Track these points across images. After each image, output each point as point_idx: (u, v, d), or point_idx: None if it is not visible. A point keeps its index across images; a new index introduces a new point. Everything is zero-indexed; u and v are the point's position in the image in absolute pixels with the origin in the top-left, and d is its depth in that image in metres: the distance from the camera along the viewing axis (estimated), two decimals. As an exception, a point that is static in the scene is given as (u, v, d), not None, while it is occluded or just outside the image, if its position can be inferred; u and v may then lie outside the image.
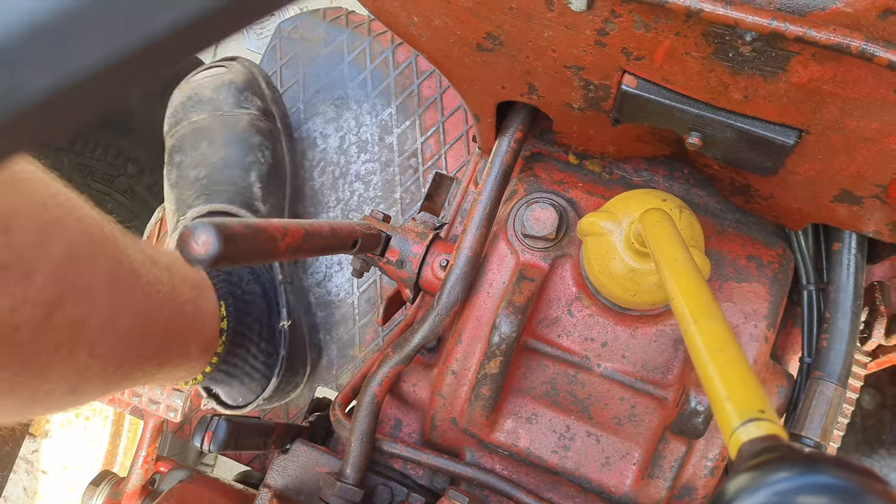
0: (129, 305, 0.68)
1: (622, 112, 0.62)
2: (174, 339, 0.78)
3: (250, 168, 1.02)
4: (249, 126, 1.05)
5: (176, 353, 0.79)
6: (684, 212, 0.64)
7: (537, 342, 0.72)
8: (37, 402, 0.62)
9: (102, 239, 0.64)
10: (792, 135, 0.57)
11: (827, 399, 0.68)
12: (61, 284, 0.58)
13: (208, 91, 1.05)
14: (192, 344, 0.82)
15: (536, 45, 0.60)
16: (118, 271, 0.66)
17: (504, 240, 0.74)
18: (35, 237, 0.56)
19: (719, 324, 0.39)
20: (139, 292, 0.69)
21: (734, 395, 0.33)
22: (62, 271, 0.58)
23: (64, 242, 0.58)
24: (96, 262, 0.63)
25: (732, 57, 0.53)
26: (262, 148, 1.05)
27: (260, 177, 1.03)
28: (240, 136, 1.04)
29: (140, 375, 0.74)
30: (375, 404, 0.75)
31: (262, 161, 1.04)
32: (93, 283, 0.62)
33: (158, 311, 0.73)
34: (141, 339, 0.71)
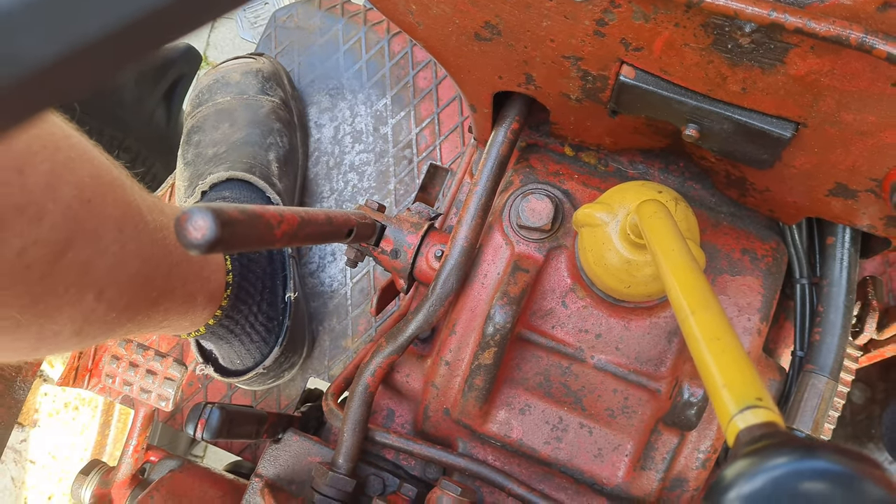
0: (137, 249, 0.67)
1: (620, 103, 0.62)
2: (180, 287, 0.78)
3: (269, 148, 1.05)
4: (271, 112, 1.08)
5: (181, 301, 0.80)
6: (680, 204, 0.64)
7: (531, 333, 0.72)
8: (43, 341, 0.63)
9: (111, 181, 0.64)
10: (789, 127, 0.57)
11: (818, 392, 0.68)
12: (71, 226, 0.58)
13: (236, 75, 1.09)
14: (197, 293, 0.83)
15: (535, 34, 0.60)
16: (126, 214, 0.66)
17: (499, 230, 0.74)
18: (47, 178, 0.56)
19: (716, 313, 0.39)
20: (146, 237, 0.69)
21: (731, 383, 0.33)
22: (72, 213, 0.58)
23: (75, 184, 0.58)
24: (105, 205, 0.63)
25: (731, 48, 0.53)
26: (281, 134, 1.07)
27: (277, 157, 1.05)
28: (262, 119, 1.06)
29: (145, 321, 0.75)
30: (368, 394, 0.75)
31: (280, 144, 1.06)
32: (101, 226, 0.62)
33: (165, 257, 0.73)
34: (147, 283, 0.71)
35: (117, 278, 0.66)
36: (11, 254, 0.53)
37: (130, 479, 0.96)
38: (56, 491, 1.38)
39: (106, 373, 0.95)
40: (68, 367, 1.09)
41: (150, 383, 0.95)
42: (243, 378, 0.99)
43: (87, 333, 0.66)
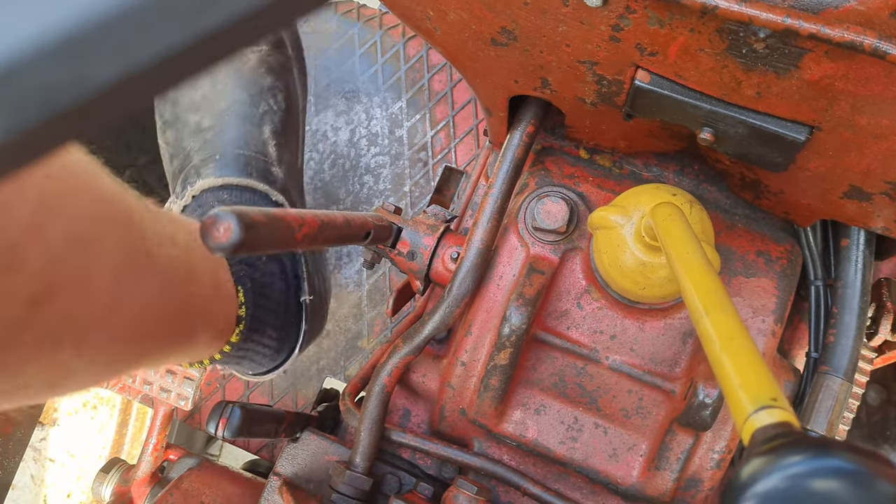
0: (136, 295, 0.57)
1: (635, 107, 0.63)
2: (183, 331, 0.69)
3: (262, 120, 0.94)
4: (259, 64, 0.95)
5: (182, 343, 0.70)
6: (695, 206, 0.65)
7: (546, 334, 0.73)
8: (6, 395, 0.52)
9: (113, 216, 0.54)
10: (803, 131, 0.58)
11: (833, 393, 0.68)
12: (55, 273, 0.47)
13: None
14: (201, 334, 0.73)
15: (551, 39, 0.61)
16: (128, 255, 0.56)
17: (515, 233, 0.75)
18: (32, 216, 0.45)
19: (730, 315, 0.40)
20: (150, 280, 0.59)
21: (747, 383, 0.34)
22: (59, 257, 0.47)
23: (66, 221, 0.48)
24: (101, 247, 0.52)
25: (746, 53, 0.53)
26: (275, 91, 0.96)
27: (274, 130, 0.95)
28: (249, 80, 0.94)
29: (133, 369, 0.66)
30: (385, 394, 0.76)
31: (274, 109, 0.95)
32: (93, 272, 0.52)
33: (169, 300, 0.63)
34: (143, 332, 0.60)
35: (105, 330, 0.55)
36: None
37: (150, 476, 0.98)
38: (75, 489, 1.40)
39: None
40: (89, 367, 1.10)
41: (170, 382, 0.96)
42: (263, 378, 0.99)
43: (63, 386, 0.56)
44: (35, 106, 0.13)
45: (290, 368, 1.10)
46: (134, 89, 0.14)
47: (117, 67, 0.14)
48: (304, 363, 1.11)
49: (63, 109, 0.14)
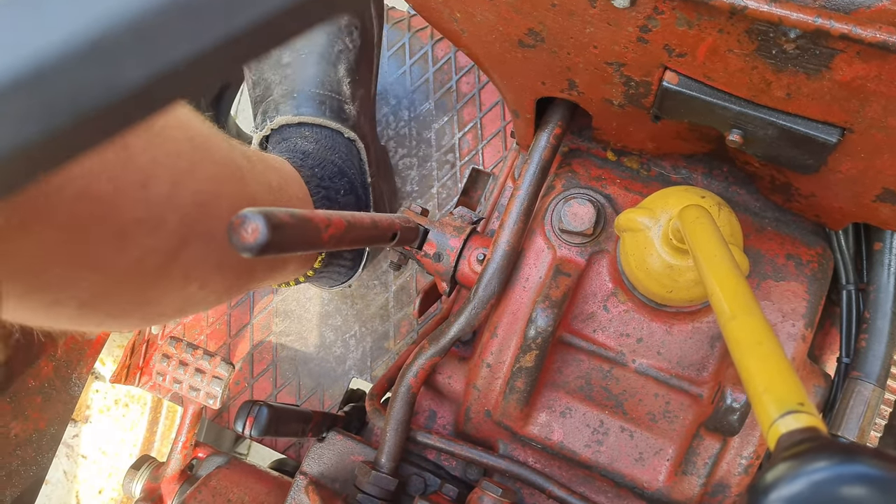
0: None
1: (663, 109, 0.63)
2: (277, 261, 0.82)
3: (338, 60, 1.00)
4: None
5: (276, 271, 0.83)
6: (723, 209, 0.64)
7: (573, 337, 0.73)
8: (146, 320, 0.69)
9: (229, 177, 0.66)
10: (835, 133, 0.57)
11: (864, 399, 0.67)
12: (186, 230, 0.60)
13: None
14: (291, 262, 0.86)
15: (578, 41, 0.60)
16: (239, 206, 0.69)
17: (541, 234, 0.75)
18: (168, 189, 0.57)
19: (758, 318, 0.39)
20: None
21: (773, 388, 0.33)
22: (189, 218, 0.60)
23: (193, 191, 0.60)
24: (220, 205, 0.64)
25: (776, 54, 0.53)
26: (351, 28, 1.01)
27: (349, 68, 1.01)
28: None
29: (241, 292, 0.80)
30: (411, 395, 0.76)
31: (350, 47, 1.01)
32: (215, 226, 0.64)
33: None
34: (248, 267, 0.75)
35: (223, 269, 0.69)
36: (128, 262, 0.56)
37: (179, 474, 0.99)
38: (106, 485, 1.42)
39: (157, 371, 0.98)
40: (120, 366, 1.12)
41: (199, 381, 0.97)
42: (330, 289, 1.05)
43: (188, 310, 0.71)
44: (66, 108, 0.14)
45: (318, 369, 1.11)
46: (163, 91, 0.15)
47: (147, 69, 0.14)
48: (331, 363, 1.11)
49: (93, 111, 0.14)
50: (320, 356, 1.11)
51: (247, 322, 1.13)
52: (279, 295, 1.14)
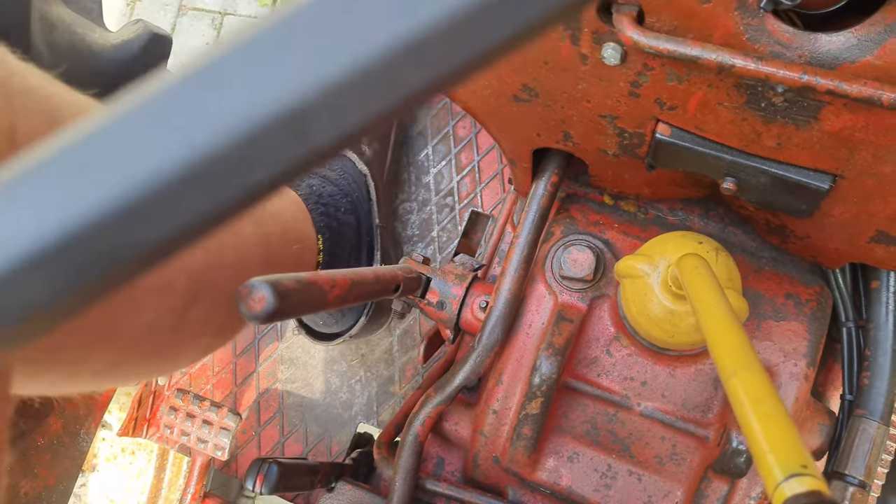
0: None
1: (657, 158, 0.64)
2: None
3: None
4: None
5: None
6: (721, 254, 0.65)
7: (577, 382, 0.73)
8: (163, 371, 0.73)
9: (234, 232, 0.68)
10: (826, 179, 0.58)
11: (870, 437, 0.68)
12: (195, 286, 0.62)
13: None
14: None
15: (571, 95, 0.62)
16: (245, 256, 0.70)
17: (542, 281, 0.76)
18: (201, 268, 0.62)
19: (758, 374, 0.40)
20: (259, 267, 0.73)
21: (776, 449, 0.34)
22: (198, 275, 0.63)
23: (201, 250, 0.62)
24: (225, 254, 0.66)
25: (765, 107, 0.54)
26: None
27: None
28: None
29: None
30: (418, 444, 0.77)
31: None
32: (222, 276, 0.66)
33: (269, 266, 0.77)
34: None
35: (233, 315, 0.70)
36: (142, 327, 0.58)
37: (188, 527, 0.99)
38: (113, 535, 1.41)
39: (165, 423, 0.98)
40: (128, 418, 1.13)
41: (207, 433, 0.98)
42: (334, 342, 1.05)
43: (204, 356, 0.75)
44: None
45: (324, 415, 1.11)
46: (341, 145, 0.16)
47: (334, 132, 0.15)
48: (337, 409, 1.12)
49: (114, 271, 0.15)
50: (326, 402, 1.11)
51: (252, 370, 1.14)
52: (284, 342, 1.14)
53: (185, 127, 0.15)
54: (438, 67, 0.16)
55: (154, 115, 0.15)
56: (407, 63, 0.16)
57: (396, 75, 0.16)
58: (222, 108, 0.15)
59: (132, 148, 0.15)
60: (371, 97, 0.16)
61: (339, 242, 0.99)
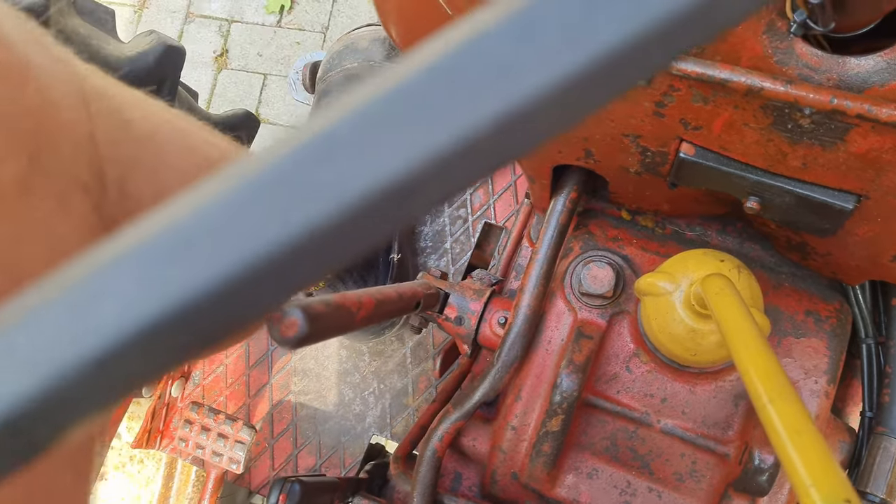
0: None
1: (679, 177, 0.64)
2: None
3: None
4: None
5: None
6: (743, 272, 0.65)
7: (597, 398, 0.73)
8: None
9: None
10: (851, 199, 0.58)
11: (891, 456, 0.68)
12: None
13: (364, 42, 1.16)
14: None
15: (595, 114, 0.62)
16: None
17: (562, 297, 0.76)
18: None
19: (794, 404, 0.40)
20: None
21: (818, 483, 0.34)
22: None
23: None
24: None
25: (791, 128, 0.54)
26: None
27: None
28: None
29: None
30: (436, 459, 0.77)
31: None
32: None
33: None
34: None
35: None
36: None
37: (203, 540, 0.99)
38: (122, 544, 1.41)
39: (179, 437, 0.98)
40: (142, 430, 1.12)
41: (222, 446, 0.98)
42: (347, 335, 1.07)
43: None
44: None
45: (338, 428, 1.11)
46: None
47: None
48: (351, 421, 1.12)
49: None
50: (340, 414, 1.11)
51: (266, 382, 1.14)
52: (297, 354, 1.14)
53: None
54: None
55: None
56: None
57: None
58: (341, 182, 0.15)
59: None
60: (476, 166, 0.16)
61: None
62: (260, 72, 2.32)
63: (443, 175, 0.15)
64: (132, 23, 2.43)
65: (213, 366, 1.15)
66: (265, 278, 0.15)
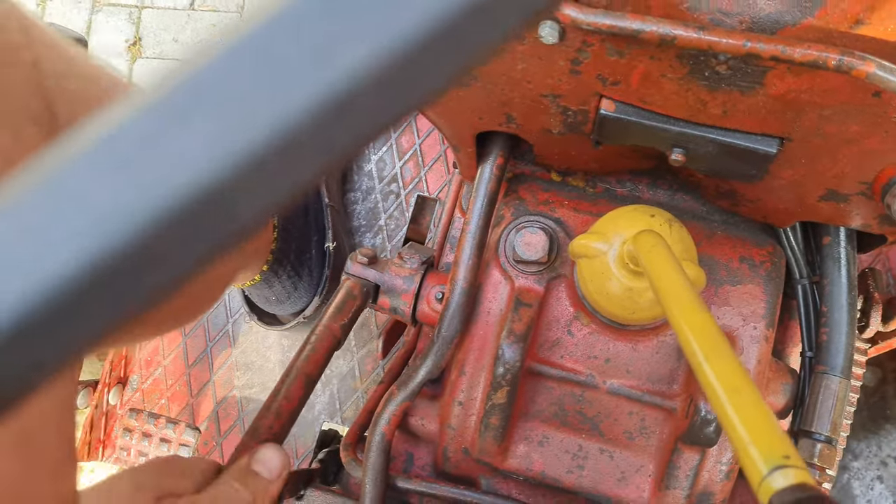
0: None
1: (602, 134, 0.63)
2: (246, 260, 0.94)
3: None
4: None
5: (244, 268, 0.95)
6: (674, 225, 0.64)
7: (541, 366, 0.72)
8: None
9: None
10: (774, 143, 0.57)
11: (833, 393, 0.68)
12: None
13: None
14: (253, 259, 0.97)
15: (511, 77, 0.60)
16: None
17: (497, 267, 0.74)
18: None
19: (730, 361, 0.39)
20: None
21: (757, 441, 0.33)
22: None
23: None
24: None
25: (708, 76, 0.53)
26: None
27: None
28: None
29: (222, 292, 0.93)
30: (385, 443, 0.75)
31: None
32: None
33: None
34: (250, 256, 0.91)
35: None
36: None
37: (156, 548, 0.96)
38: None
39: (120, 446, 0.94)
40: (81, 442, 1.08)
41: (165, 452, 0.94)
42: (286, 327, 1.05)
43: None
44: None
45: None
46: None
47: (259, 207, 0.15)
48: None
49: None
50: (287, 405, 1.09)
51: (207, 380, 1.10)
52: (237, 348, 1.11)
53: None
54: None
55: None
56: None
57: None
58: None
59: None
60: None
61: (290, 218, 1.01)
62: (177, 59, 2.23)
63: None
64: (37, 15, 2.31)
65: (151, 369, 1.11)
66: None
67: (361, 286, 0.77)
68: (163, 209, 0.13)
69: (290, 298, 1.02)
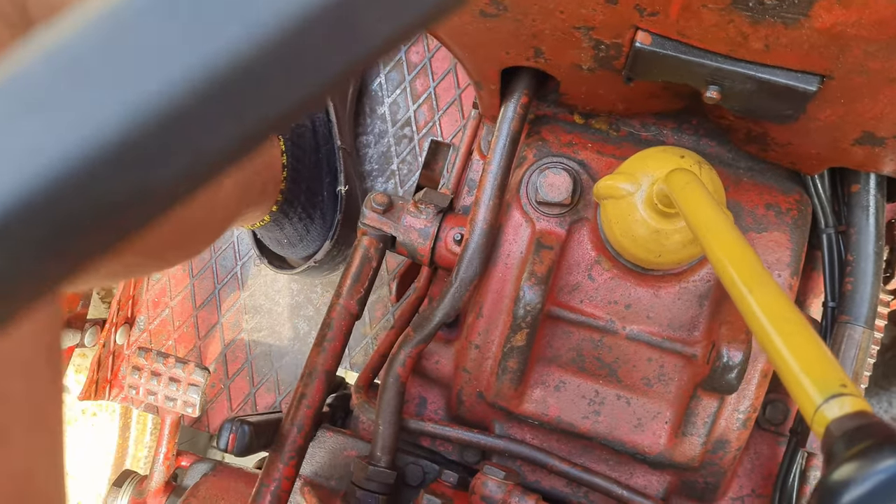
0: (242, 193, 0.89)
1: (635, 70, 0.61)
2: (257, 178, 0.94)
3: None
4: None
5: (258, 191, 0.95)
6: (704, 167, 0.63)
7: (560, 309, 0.71)
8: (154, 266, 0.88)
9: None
10: (814, 81, 0.55)
11: (856, 343, 0.67)
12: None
13: None
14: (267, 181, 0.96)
15: (543, 7, 0.58)
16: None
17: (518, 209, 0.73)
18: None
19: (776, 291, 0.38)
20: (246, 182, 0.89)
21: (810, 370, 0.32)
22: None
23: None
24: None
25: (752, 6, 0.51)
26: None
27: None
28: None
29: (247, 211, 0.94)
30: (400, 385, 0.74)
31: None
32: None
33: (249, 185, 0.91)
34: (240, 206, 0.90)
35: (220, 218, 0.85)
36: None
37: (164, 486, 0.96)
38: (83, 498, 1.38)
39: (129, 384, 0.94)
40: (88, 381, 1.08)
41: (175, 391, 0.94)
42: (296, 271, 1.04)
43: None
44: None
45: (295, 363, 1.08)
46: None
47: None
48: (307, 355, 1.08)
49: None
50: (296, 349, 1.08)
51: (215, 322, 1.09)
52: (246, 291, 1.10)
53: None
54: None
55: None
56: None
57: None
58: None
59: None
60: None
61: (299, 159, 0.99)
62: None
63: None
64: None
65: (159, 309, 1.10)
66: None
67: (377, 242, 0.76)
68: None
69: (302, 241, 1.01)
